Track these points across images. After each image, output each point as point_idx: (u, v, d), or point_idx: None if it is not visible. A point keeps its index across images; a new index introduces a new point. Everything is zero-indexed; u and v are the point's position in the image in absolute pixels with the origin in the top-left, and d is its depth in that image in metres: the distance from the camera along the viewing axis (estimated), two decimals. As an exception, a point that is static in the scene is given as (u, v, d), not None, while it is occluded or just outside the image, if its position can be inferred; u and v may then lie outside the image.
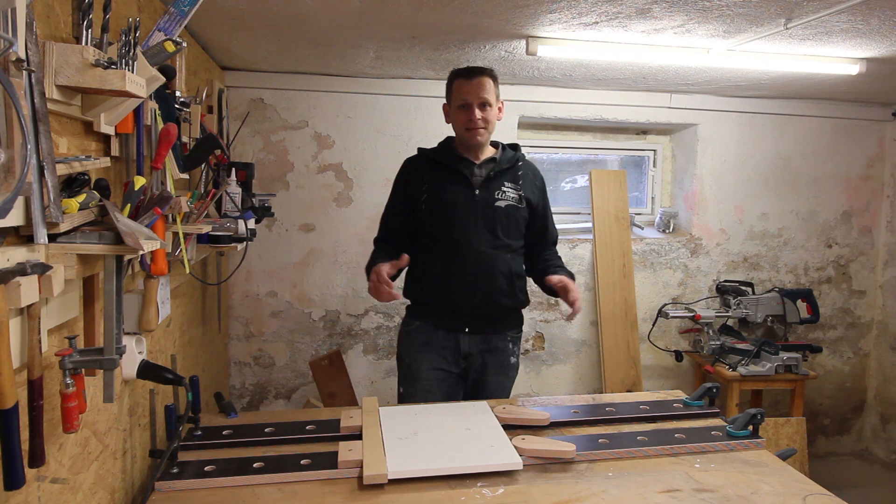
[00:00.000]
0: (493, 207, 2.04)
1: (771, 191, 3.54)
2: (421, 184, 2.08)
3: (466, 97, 2.00)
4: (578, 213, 3.56)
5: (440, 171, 2.08)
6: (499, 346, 2.11)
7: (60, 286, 0.97)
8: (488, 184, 2.05)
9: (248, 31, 2.20)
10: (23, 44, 0.88)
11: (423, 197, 2.06)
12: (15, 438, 0.86)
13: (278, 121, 2.99)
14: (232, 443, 1.61)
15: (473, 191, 2.04)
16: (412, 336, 2.12)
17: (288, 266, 3.07)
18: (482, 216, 2.03)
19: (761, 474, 1.49)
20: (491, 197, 2.05)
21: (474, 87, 2.00)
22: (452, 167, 2.07)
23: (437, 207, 2.05)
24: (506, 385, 2.14)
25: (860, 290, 3.72)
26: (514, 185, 2.09)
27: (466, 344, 2.07)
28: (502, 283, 2.06)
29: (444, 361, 2.07)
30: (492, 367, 2.10)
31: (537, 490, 1.40)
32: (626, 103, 3.29)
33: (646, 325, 3.38)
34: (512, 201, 2.07)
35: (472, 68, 2.04)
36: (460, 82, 2.03)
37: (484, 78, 2.00)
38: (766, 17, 1.96)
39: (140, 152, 1.35)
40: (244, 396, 3.10)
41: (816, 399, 3.70)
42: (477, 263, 2.02)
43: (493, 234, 2.04)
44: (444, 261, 2.04)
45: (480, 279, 2.03)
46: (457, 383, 2.11)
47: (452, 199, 2.04)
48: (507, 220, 2.05)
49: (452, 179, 2.06)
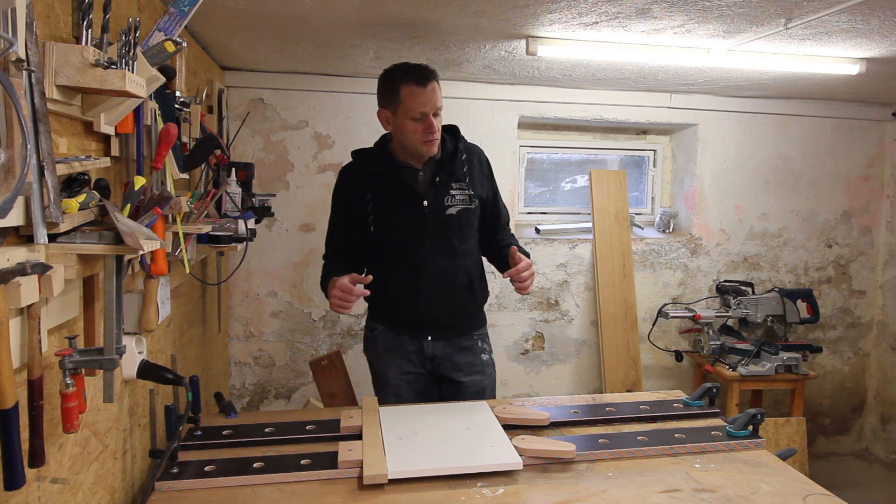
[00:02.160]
0: (444, 217, 1.92)
1: (771, 191, 3.54)
2: (364, 202, 1.94)
3: (422, 108, 1.80)
4: (578, 213, 3.56)
5: (382, 184, 1.93)
6: (465, 346, 2.04)
7: (60, 286, 0.97)
8: (436, 190, 1.92)
9: (248, 31, 2.20)
10: (23, 44, 0.88)
11: (368, 218, 1.93)
12: (15, 438, 0.86)
13: (278, 121, 2.99)
14: (232, 443, 1.61)
15: (421, 202, 1.91)
16: (376, 341, 2.07)
17: (288, 266, 3.07)
18: (435, 229, 1.92)
19: (761, 474, 1.49)
20: (441, 206, 1.92)
21: (430, 96, 1.80)
22: (394, 178, 1.92)
23: (387, 227, 1.93)
24: (484, 384, 2.06)
25: (860, 290, 3.72)
26: (461, 184, 1.94)
27: (430, 348, 2.01)
28: (462, 293, 2.00)
29: (411, 364, 2.02)
30: (464, 368, 2.03)
31: (537, 490, 1.40)
32: (626, 103, 3.29)
33: (646, 325, 3.38)
34: (463, 204, 1.94)
35: (421, 71, 1.82)
36: (412, 90, 1.80)
37: (434, 83, 1.82)
38: (766, 17, 1.96)
39: (140, 152, 1.35)
40: (244, 396, 3.10)
41: (816, 399, 3.70)
42: (435, 278, 1.94)
43: (448, 245, 1.94)
44: (401, 278, 1.95)
45: (440, 294, 1.96)
46: (427, 382, 2.06)
47: (401, 216, 1.91)
48: (461, 226, 1.95)
49: (396, 191, 1.92)
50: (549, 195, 3.62)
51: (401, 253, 1.94)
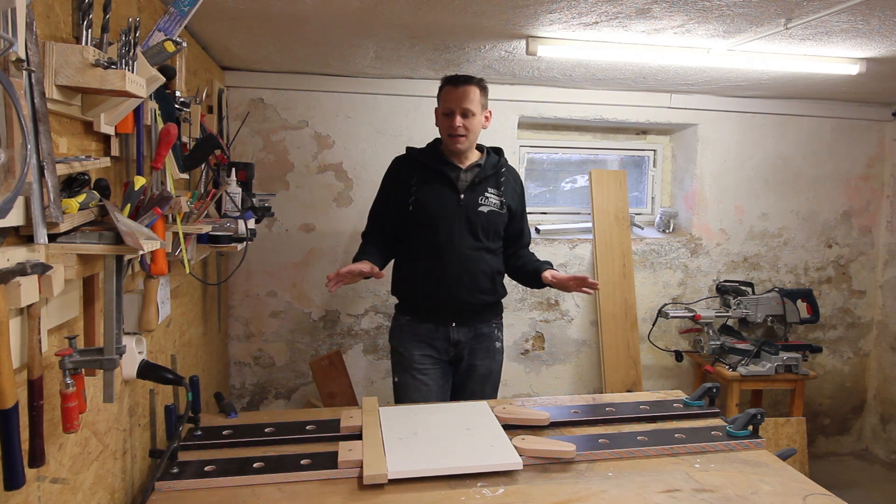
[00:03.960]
0: (476, 212, 2.13)
1: (771, 191, 3.54)
2: (409, 185, 2.16)
3: (451, 104, 2.09)
4: (578, 213, 3.56)
5: (427, 174, 2.16)
6: (484, 332, 2.23)
7: (60, 286, 0.97)
8: (473, 189, 2.15)
9: (248, 31, 2.20)
10: (23, 44, 0.88)
11: (410, 199, 2.15)
12: (15, 438, 0.86)
13: (278, 121, 2.99)
14: (232, 443, 1.61)
15: (458, 195, 2.13)
16: (403, 329, 2.23)
17: (288, 266, 3.07)
18: (465, 220, 2.13)
19: (761, 474, 1.49)
20: (475, 202, 2.14)
21: (459, 96, 2.08)
22: (439, 170, 2.15)
23: (423, 210, 2.13)
24: (493, 368, 2.25)
25: (860, 290, 3.72)
26: (496, 191, 2.18)
27: (455, 333, 2.18)
28: (485, 281, 2.18)
29: (435, 350, 2.18)
30: (480, 353, 2.22)
31: (537, 490, 1.40)
32: (626, 103, 3.29)
33: (646, 325, 3.38)
34: (494, 207, 2.17)
35: (460, 77, 2.11)
36: (447, 89, 2.11)
37: (470, 87, 2.08)
38: (766, 17, 1.96)
39: (140, 152, 1.35)
40: (244, 396, 3.10)
41: (816, 399, 3.70)
42: (460, 264, 2.13)
43: (474, 237, 2.14)
44: (428, 262, 2.14)
45: (464, 279, 2.14)
46: (447, 369, 2.22)
47: (438, 202, 2.13)
48: (489, 224, 2.16)
49: (439, 182, 2.15)
50: (549, 195, 3.62)
51: (432, 236, 2.12)
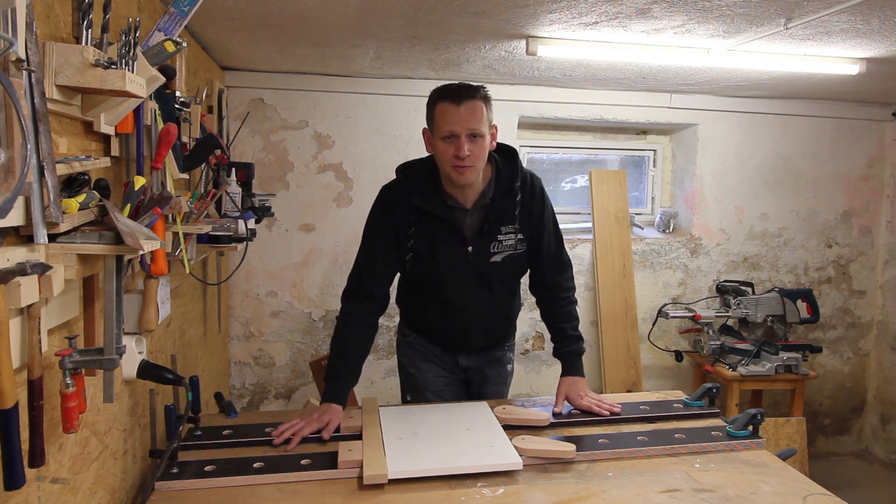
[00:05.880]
0: (488, 265, 1.80)
1: (771, 191, 3.54)
2: (405, 236, 1.78)
3: (453, 127, 1.62)
4: (578, 213, 3.56)
5: (428, 221, 1.76)
6: (496, 357, 2.05)
7: (60, 286, 0.97)
8: (482, 236, 1.77)
9: (248, 31, 2.20)
10: (23, 44, 0.88)
11: (407, 255, 1.80)
12: (15, 438, 0.86)
13: (278, 121, 2.99)
14: (232, 443, 1.61)
15: (466, 247, 1.77)
16: (412, 347, 2.05)
17: (288, 266, 3.07)
18: (476, 274, 1.81)
19: (761, 474, 1.49)
20: (486, 253, 1.79)
21: (463, 115, 1.61)
22: (441, 217, 1.76)
23: (426, 269, 1.81)
24: (503, 393, 2.11)
25: (860, 290, 3.72)
26: (512, 226, 1.80)
27: (465, 360, 2.03)
28: (499, 324, 2.00)
29: (447, 371, 2.04)
30: (492, 379, 2.06)
31: (537, 490, 1.40)
32: (626, 103, 3.29)
33: (646, 325, 3.38)
34: (509, 251, 1.81)
35: (460, 89, 1.64)
36: (445, 107, 1.64)
37: (474, 102, 1.63)
38: (766, 17, 1.96)
39: (140, 152, 1.35)
40: (244, 396, 3.10)
41: (816, 399, 3.70)
42: (473, 315, 1.90)
43: (488, 288, 1.85)
44: (437, 312, 1.93)
45: (480, 328, 1.95)
46: (459, 388, 2.08)
47: (443, 259, 1.78)
48: (504, 272, 1.84)
49: (442, 230, 1.77)
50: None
51: (439, 293, 1.86)
